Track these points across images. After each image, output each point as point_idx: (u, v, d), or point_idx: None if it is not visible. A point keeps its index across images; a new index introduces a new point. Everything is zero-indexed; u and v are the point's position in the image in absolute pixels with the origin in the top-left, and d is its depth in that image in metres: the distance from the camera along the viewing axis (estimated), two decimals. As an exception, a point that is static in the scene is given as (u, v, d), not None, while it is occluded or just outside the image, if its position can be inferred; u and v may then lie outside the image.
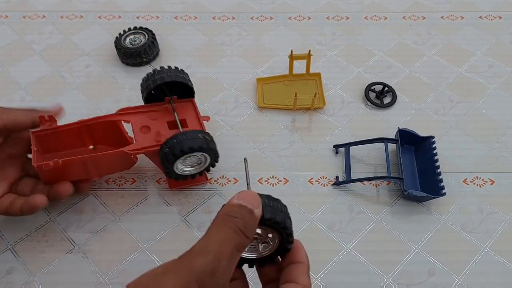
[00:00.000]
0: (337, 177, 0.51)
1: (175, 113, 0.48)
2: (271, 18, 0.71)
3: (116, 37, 0.64)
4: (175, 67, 0.50)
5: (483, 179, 0.52)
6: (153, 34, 0.64)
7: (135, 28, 0.65)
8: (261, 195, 0.31)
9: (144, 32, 0.64)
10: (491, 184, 0.51)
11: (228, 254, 0.27)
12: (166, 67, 0.49)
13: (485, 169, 0.53)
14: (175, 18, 0.71)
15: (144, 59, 0.63)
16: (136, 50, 0.62)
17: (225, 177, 0.52)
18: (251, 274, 0.37)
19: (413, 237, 0.47)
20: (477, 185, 0.51)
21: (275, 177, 0.52)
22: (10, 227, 0.48)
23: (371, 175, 0.52)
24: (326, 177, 0.52)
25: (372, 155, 0.54)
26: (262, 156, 0.54)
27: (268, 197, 0.32)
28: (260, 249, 0.34)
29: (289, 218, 0.33)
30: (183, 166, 0.45)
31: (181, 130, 0.46)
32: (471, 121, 0.57)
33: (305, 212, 0.49)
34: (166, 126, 0.47)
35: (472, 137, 0.55)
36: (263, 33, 0.68)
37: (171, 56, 0.65)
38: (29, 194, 0.44)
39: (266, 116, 0.58)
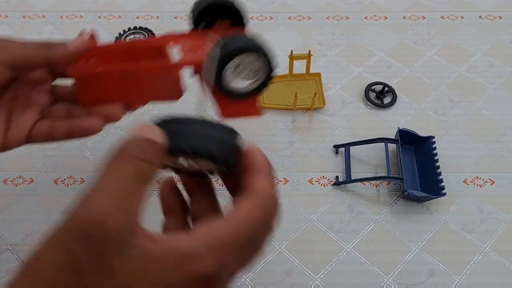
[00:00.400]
0: (337, 177, 0.51)
1: (228, 32, 0.41)
2: (271, 18, 0.71)
3: (116, 37, 0.64)
4: None
5: (483, 179, 0.52)
6: (153, 34, 0.64)
7: (135, 28, 0.65)
8: (172, 120, 0.27)
9: (144, 32, 0.64)
10: (491, 184, 0.51)
11: (122, 192, 0.22)
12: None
13: (485, 169, 0.53)
14: (175, 18, 0.71)
15: (144, 59, 0.63)
16: (136, 50, 0.61)
17: (225, 177, 0.52)
18: (250, 274, 0.37)
19: (413, 237, 0.47)
20: (477, 185, 0.51)
21: (275, 177, 0.52)
22: (10, 227, 0.48)
23: (371, 175, 0.52)
24: (326, 177, 0.52)
25: (372, 155, 0.54)
26: (262, 156, 0.54)
27: (187, 121, 0.27)
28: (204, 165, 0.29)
29: (222, 141, 0.27)
30: (236, 77, 0.38)
31: None
32: (471, 121, 0.57)
33: (305, 212, 0.49)
34: None
35: (472, 137, 0.55)
36: (263, 33, 0.68)
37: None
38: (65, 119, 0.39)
39: (266, 116, 0.58)
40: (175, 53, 0.41)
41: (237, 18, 0.44)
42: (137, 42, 0.41)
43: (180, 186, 0.31)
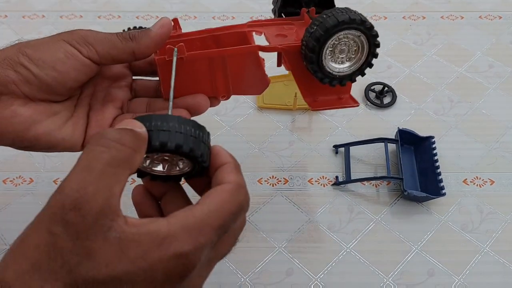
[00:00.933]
0: (337, 177, 0.51)
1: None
2: (271, 18, 0.70)
3: (116, 37, 0.64)
4: None
5: (483, 179, 0.52)
6: (153, 34, 0.64)
7: (134, 28, 0.65)
8: (151, 116, 0.27)
9: (143, 32, 0.64)
10: (491, 184, 0.51)
11: (95, 176, 0.23)
12: None
13: (485, 169, 0.53)
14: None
15: (144, 59, 0.63)
16: (135, 50, 0.61)
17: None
18: (250, 275, 0.37)
19: (413, 237, 0.47)
20: (477, 185, 0.51)
21: (275, 177, 0.52)
22: (10, 227, 0.48)
23: (371, 175, 0.52)
24: (326, 177, 0.52)
25: (372, 155, 0.54)
26: (262, 156, 0.54)
27: (164, 117, 0.27)
28: (180, 166, 0.30)
29: (196, 137, 0.28)
30: (333, 61, 0.36)
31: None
32: (471, 121, 0.57)
33: (305, 212, 0.49)
34: None
35: (472, 137, 0.55)
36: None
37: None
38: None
39: (266, 116, 0.58)
40: (261, 40, 0.39)
41: (324, 4, 0.41)
42: (220, 29, 0.39)
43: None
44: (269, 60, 0.41)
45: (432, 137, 0.52)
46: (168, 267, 0.23)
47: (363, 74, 0.37)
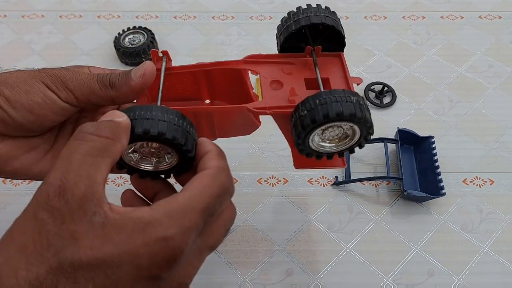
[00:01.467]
0: (336, 177, 0.51)
1: (317, 69, 0.35)
2: (271, 17, 0.70)
3: (115, 37, 0.64)
4: (326, 7, 0.37)
5: (482, 179, 0.52)
6: (152, 34, 0.64)
7: (134, 27, 0.65)
8: (136, 106, 0.28)
9: (143, 32, 0.64)
10: (490, 184, 0.51)
11: (75, 165, 0.24)
12: (314, 5, 0.37)
13: (484, 169, 0.53)
14: (174, 17, 0.71)
15: (143, 59, 0.63)
16: (135, 49, 0.61)
17: (225, 177, 0.52)
18: (250, 274, 0.37)
19: (413, 237, 0.47)
20: (476, 185, 0.51)
21: (275, 177, 0.52)
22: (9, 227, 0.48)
23: (370, 175, 0.52)
24: (325, 177, 0.52)
25: (371, 155, 0.54)
26: (262, 156, 0.54)
27: (148, 107, 0.28)
28: (167, 160, 0.31)
29: (179, 125, 0.28)
30: (321, 140, 0.33)
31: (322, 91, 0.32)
32: (471, 121, 0.57)
33: (305, 212, 0.49)
34: (303, 84, 0.35)
35: (472, 137, 0.55)
36: (263, 32, 0.68)
37: (171, 55, 0.65)
38: None
39: (266, 115, 0.58)
40: (256, 84, 0.35)
41: (332, 43, 0.37)
42: (214, 64, 0.37)
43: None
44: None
45: (432, 137, 0.52)
46: (153, 251, 0.23)
47: (352, 152, 0.34)
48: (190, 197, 0.26)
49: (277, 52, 0.38)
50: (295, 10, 0.36)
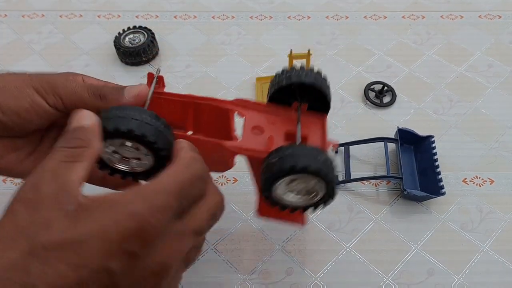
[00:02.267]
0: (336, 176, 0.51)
1: (299, 124, 0.37)
2: (271, 17, 0.71)
3: (116, 36, 0.64)
4: (318, 71, 0.39)
5: (482, 179, 0.52)
6: (153, 34, 0.64)
7: (134, 27, 0.65)
8: (112, 107, 0.30)
9: (143, 31, 0.64)
10: (490, 184, 0.51)
11: (49, 168, 0.26)
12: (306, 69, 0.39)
13: (484, 169, 0.53)
14: (175, 17, 0.71)
15: (144, 58, 0.63)
16: (135, 49, 0.62)
17: (225, 176, 0.52)
18: (250, 274, 0.37)
19: (413, 236, 0.47)
20: (476, 184, 0.51)
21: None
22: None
23: (370, 174, 0.52)
24: (325, 177, 0.52)
25: (371, 155, 0.54)
26: (262, 155, 0.54)
27: (123, 107, 0.30)
28: (145, 161, 0.32)
29: (151, 124, 0.30)
30: (287, 190, 0.33)
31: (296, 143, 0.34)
32: (471, 121, 0.57)
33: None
34: (283, 136, 0.37)
35: (472, 137, 0.55)
36: (263, 32, 0.68)
37: (171, 55, 0.65)
38: None
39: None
40: (239, 126, 0.37)
41: (318, 103, 0.39)
42: (204, 98, 0.37)
43: None
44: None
45: (432, 137, 0.52)
46: (122, 226, 0.24)
47: (316, 209, 0.34)
48: (161, 180, 0.27)
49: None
50: (288, 69, 0.38)
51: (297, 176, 0.31)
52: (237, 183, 0.51)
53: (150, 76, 0.37)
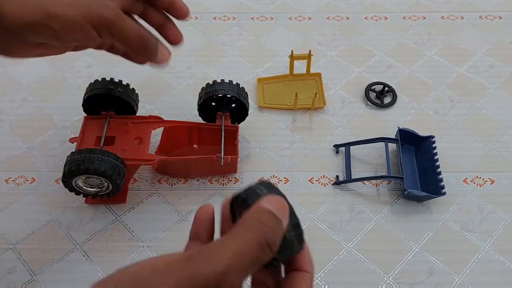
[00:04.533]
0: (337, 176, 0.52)
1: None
2: (272, 18, 0.71)
3: (117, 37, 0.64)
4: (239, 85, 0.52)
5: (483, 179, 0.52)
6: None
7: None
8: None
9: (145, 32, 0.64)
10: (491, 184, 0.52)
11: (240, 269, 0.23)
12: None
13: (485, 169, 0.53)
14: (176, 18, 0.71)
15: (145, 59, 0.63)
16: (137, 50, 0.62)
17: (226, 176, 0.52)
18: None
19: (413, 236, 0.47)
20: (477, 184, 0.51)
21: (276, 177, 0.52)
22: (12, 226, 0.48)
23: (371, 174, 0.52)
24: (326, 177, 0.52)
25: (372, 155, 0.54)
26: (263, 155, 0.54)
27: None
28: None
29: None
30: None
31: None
32: (471, 121, 0.57)
33: (306, 211, 0.49)
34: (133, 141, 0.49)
35: (472, 137, 0.56)
36: (264, 33, 0.68)
37: (172, 56, 0.65)
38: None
39: (266, 116, 0.58)
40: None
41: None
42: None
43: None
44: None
45: (432, 137, 0.52)
46: None
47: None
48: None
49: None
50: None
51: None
52: (238, 183, 0.52)
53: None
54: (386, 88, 0.60)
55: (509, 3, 0.73)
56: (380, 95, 0.59)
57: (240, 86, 0.51)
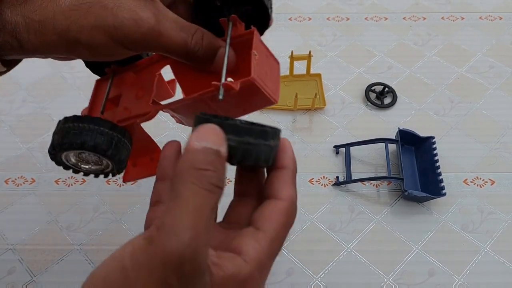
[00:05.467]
0: (337, 177, 0.52)
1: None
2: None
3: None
4: None
5: (483, 179, 0.52)
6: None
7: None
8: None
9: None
10: (491, 185, 0.51)
11: (205, 223, 0.22)
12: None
13: (485, 169, 0.53)
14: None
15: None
16: (137, 50, 0.62)
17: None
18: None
19: (414, 237, 0.47)
20: (477, 185, 0.51)
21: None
22: (12, 227, 0.48)
23: (371, 175, 0.52)
24: (326, 177, 0.52)
25: (372, 156, 0.54)
26: (263, 156, 0.54)
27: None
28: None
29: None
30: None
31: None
32: (472, 122, 0.57)
33: (306, 212, 0.49)
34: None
35: (473, 138, 0.56)
36: (264, 33, 0.68)
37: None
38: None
39: (266, 116, 0.58)
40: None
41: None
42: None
43: None
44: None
45: (433, 138, 0.52)
46: None
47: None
48: (270, 244, 0.26)
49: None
50: None
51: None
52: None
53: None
54: (386, 89, 0.60)
55: (509, 4, 0.73)
56: (380, 96, 0.59)
57: None
